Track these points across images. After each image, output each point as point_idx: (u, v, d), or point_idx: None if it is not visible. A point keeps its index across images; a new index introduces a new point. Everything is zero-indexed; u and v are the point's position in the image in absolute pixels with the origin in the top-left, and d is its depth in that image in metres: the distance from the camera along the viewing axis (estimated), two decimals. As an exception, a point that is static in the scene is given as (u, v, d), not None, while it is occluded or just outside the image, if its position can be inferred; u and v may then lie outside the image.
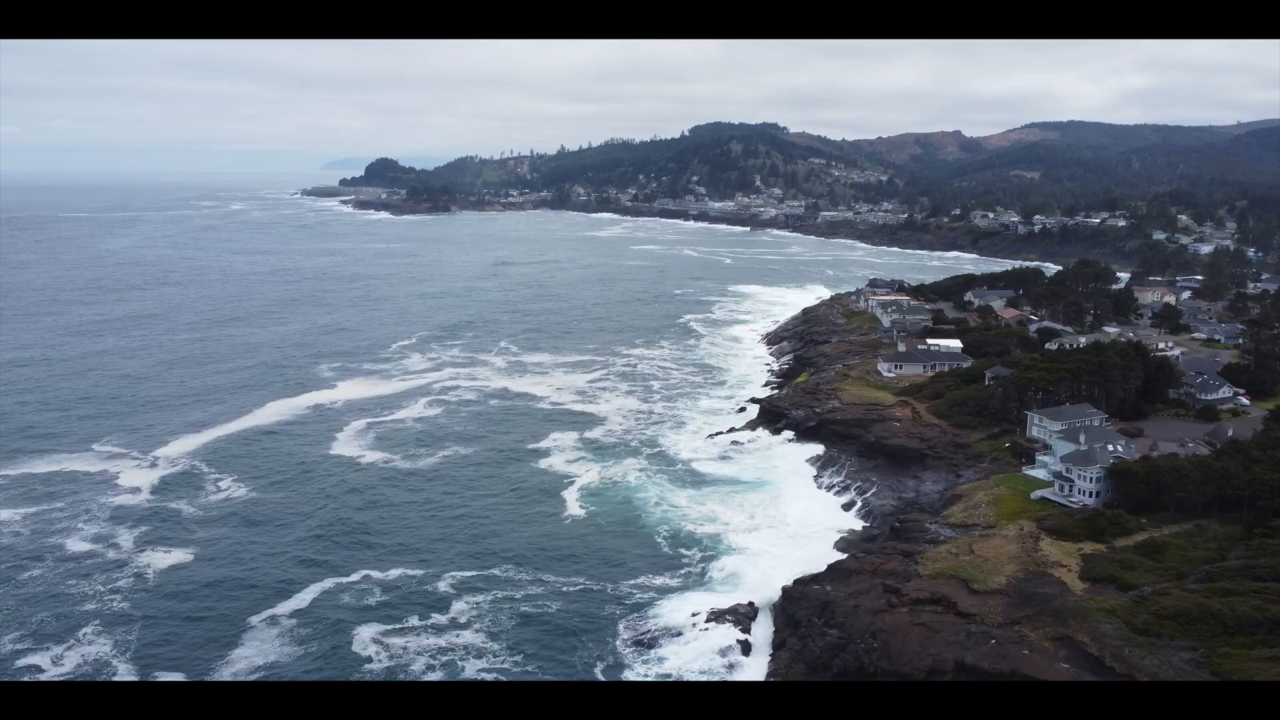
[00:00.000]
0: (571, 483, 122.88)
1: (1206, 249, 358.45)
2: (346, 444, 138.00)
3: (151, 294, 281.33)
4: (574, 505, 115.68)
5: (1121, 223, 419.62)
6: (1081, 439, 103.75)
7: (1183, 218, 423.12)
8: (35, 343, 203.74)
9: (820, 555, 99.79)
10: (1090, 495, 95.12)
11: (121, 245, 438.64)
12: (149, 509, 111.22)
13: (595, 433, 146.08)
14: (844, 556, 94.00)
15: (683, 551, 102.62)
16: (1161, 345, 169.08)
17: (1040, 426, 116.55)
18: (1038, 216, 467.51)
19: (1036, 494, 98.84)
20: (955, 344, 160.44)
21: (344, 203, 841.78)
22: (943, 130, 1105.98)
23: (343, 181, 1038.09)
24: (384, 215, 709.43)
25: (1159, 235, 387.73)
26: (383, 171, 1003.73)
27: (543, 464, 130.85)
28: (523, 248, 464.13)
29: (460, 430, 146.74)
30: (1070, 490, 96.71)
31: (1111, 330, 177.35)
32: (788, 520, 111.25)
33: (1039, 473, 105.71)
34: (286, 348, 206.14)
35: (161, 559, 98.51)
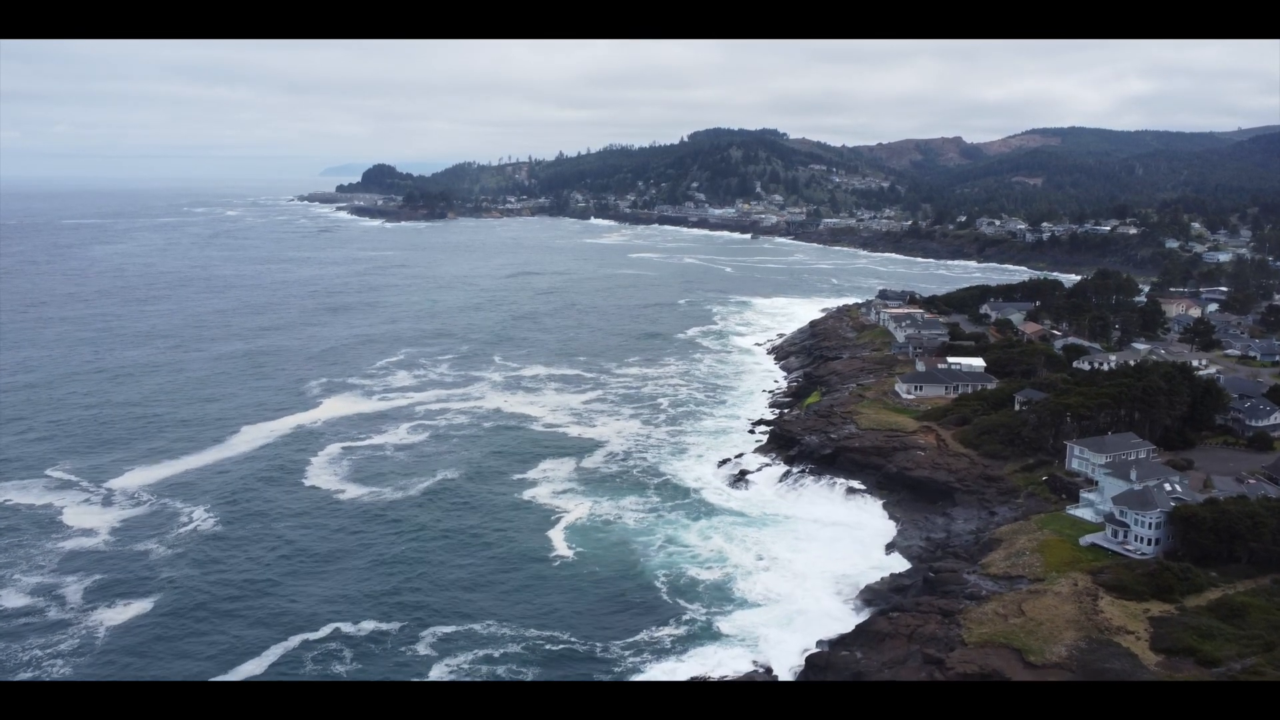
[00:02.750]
0: (566, 520, 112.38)
1: (1223, 257, 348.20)
2: (325, 475, 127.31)
3: (132, 306, 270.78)
4: (565, 547, 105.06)
5: (1132, 230, 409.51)
6: (1133, 475, 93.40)
7: (1195, 225, 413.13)
8: None
9: (844, 606, 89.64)
10: (1149, 543, 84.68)
11: (108, 254, 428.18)
12: (104, 553, 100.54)
13: (593, 460, 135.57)
14: (873, 612, 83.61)
15: (684, 603, 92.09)
16: (1195, 363, 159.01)
17: (1082, 459, 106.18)
18: (1045, 224, 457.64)
19: (1086, 540, 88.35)
20: (978, 363, 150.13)
21: (339, 209, 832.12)
22: (943, 136, 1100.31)
23: (340, 188, 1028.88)
24: (379, 222, 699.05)
25: (1172, 243, 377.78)
26: (380, 178, 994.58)
27: (535, 497, 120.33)
28: (519, 256, 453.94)
29: (448, 457, 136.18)
30: (1125, 536, 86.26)
31: (1140, 347, 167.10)
32: (805, 563, 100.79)
33: (1084, 513, 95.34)
34: (269, 363, 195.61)
35: (113, 616, 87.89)
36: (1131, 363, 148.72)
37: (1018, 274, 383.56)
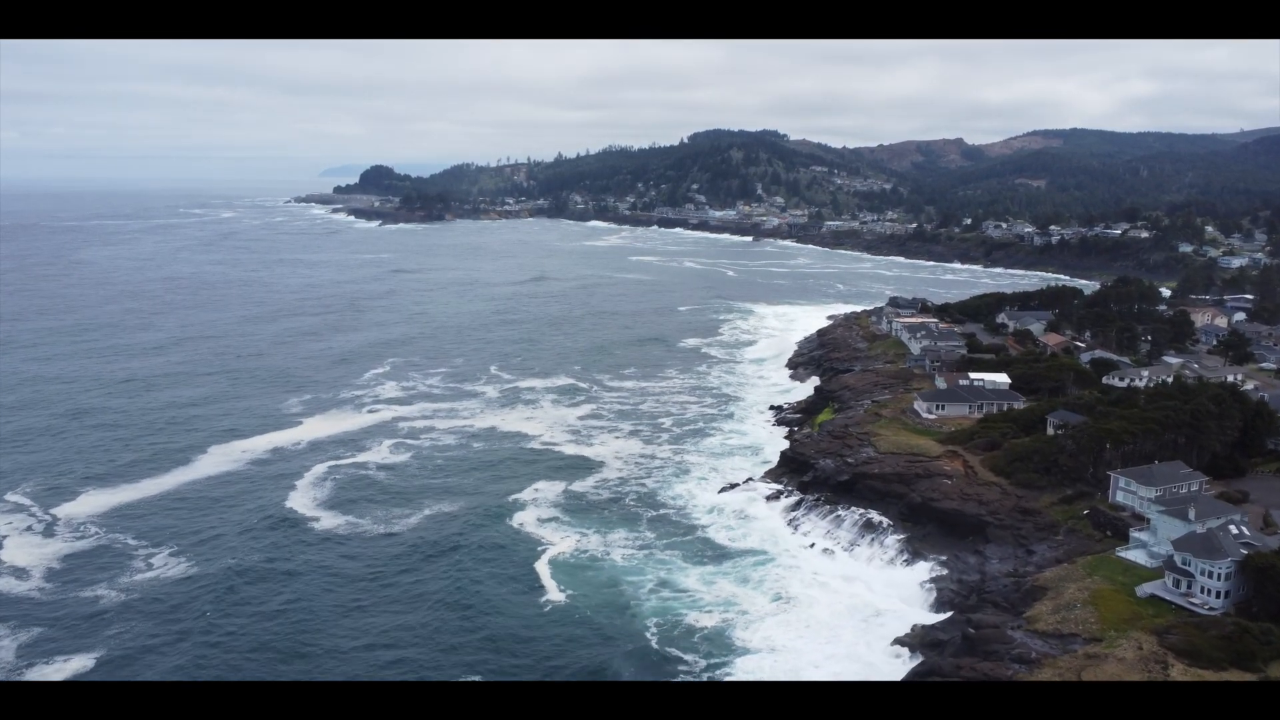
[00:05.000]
0: (551, 556, 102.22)
1: (1237, 262, 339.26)
2: (300, 503, 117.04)
3: (111, 314, 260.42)
4: (554, 588, 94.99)
5: (1144, 234, 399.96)
6: (1191, 514, 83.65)
7: (1208, 229, 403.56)
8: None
9: (870, 664, 79.80)
10: (1217, 595, 74.91)
11: (96, 258, 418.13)
12: (45, 599, 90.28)
13: (587, 484, 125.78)
14: (906, 675, 73.72)
15: (678, 653, 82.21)
16: (1230, 378, 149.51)
17: (1128, 491, 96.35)
18: (1053, 227, 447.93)
19: (1144, 590, 78.53)
20: (1002, 379, 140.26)
21: (336, 211, 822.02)
22: (944, 138, 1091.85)
23: (337, 189, 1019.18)
24: (376, 224, 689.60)
25: (1186, 247, 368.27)
26: (378, 179, 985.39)
27: (523, 528, 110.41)
28: (516, 260, 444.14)
29: (433, 483, 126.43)
30: (1189, 587, 76.48)
31: (1172, 360, 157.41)
32: (821, 608, 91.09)
33: (1136, 555, 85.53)
34: (248, 375, 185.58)
35: (49, 675, 77.53)
36: (1167, 379, 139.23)
37: (1027, 279, 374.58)
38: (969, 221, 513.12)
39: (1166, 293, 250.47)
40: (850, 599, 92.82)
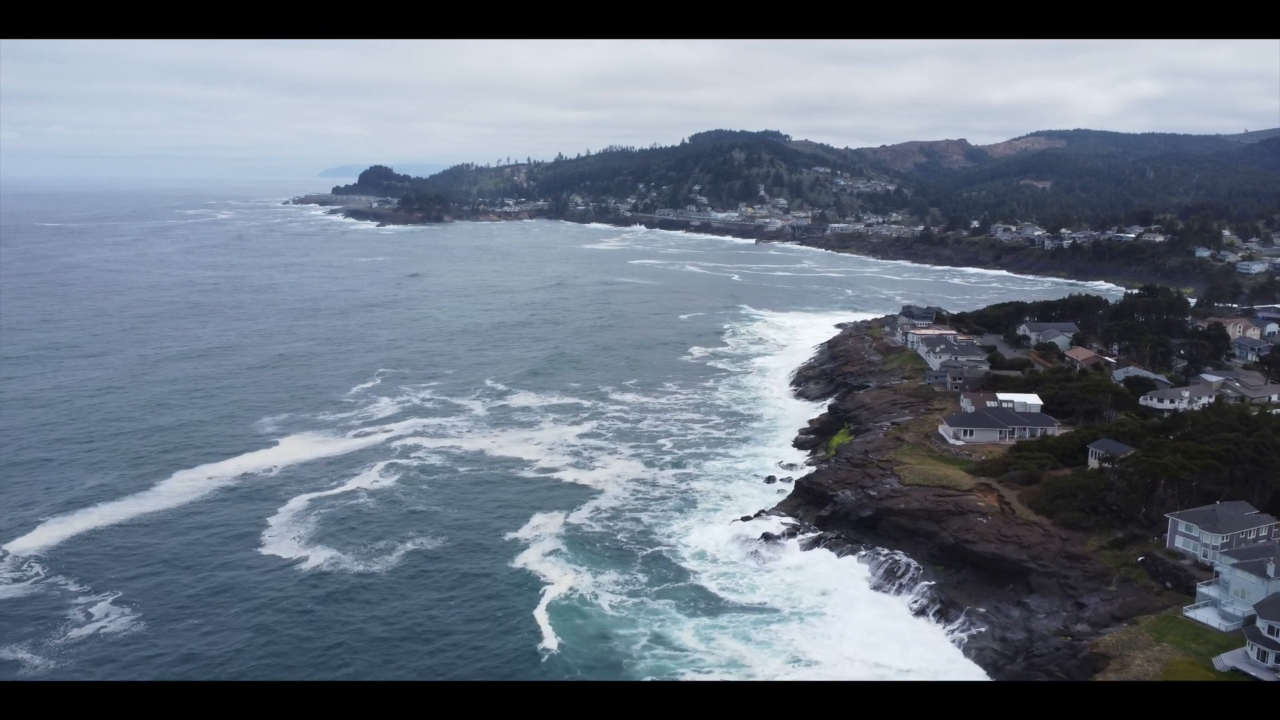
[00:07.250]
0: (548, 602, 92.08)
1: (1258, 267, 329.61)
2: (273, 541, 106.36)
3: (90, 318, 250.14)
4: (550, 634, 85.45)
5: (1159, 238, 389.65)
6: (1270, 570, 73.53)
7: (1225, 232, 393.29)
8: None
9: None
10: (1312, 672, 64.83)
11: (86, 261, 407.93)
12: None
13: (588, 517, 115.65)
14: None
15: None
16: (1274, 398, 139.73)
17: (1189, 537, 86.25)
18: (1064, 230, 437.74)
19: (1223, 662, 68.43)
20: (1034, 400, 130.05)
21: (333, 212, 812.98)
22: (947, 138, 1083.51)
23: (336, 190, 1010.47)
24: (373, 226, 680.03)
25: (1203, 252, 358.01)
26: (376, 179, 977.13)
27: (521, 564, 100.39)
28: (513, 264, 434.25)
29: (420, 513, 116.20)
30: (1278, 661, 66.32)
31: (1211, 378, 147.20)
32: (844, 669, 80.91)
33: (1206, 615, 75.45)
34: (222, 389, 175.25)
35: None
36: (1209, 399, 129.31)
37: (1038, 284, 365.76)
38: (977, 224, 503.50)
39: (1191, 301, 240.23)
40: (875, 661, 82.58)
